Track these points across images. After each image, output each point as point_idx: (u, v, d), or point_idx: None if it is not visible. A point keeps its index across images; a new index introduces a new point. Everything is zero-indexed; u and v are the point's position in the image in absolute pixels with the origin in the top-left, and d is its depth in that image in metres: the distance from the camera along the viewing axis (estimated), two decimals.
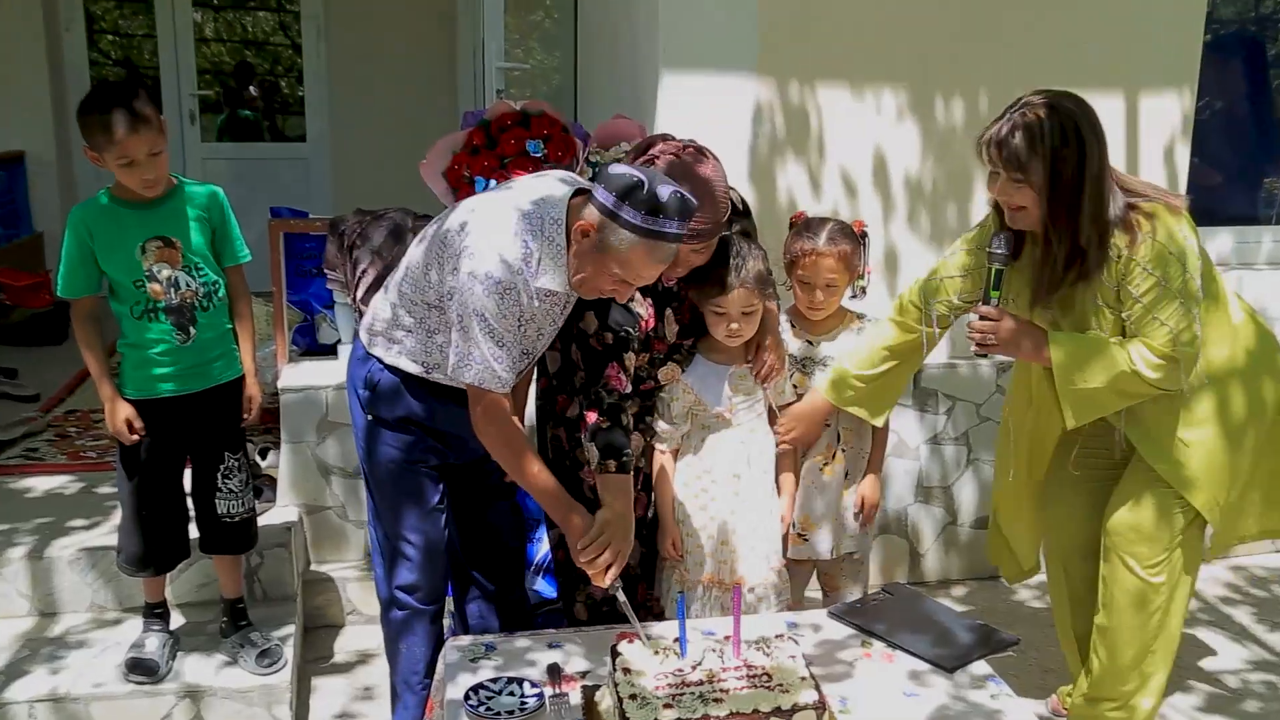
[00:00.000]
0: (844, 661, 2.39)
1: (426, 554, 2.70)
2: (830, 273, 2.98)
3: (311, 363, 4.09)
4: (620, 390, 2.56)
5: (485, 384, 2.37)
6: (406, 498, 2.67)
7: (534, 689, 2.21)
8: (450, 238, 2.41)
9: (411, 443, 2.63)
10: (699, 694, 2.00)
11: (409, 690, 2.78)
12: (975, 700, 2.24)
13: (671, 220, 2.24)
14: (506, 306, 2.32)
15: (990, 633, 2.53)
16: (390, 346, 2.60)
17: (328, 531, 3.89)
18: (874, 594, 2.74)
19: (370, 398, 2.63)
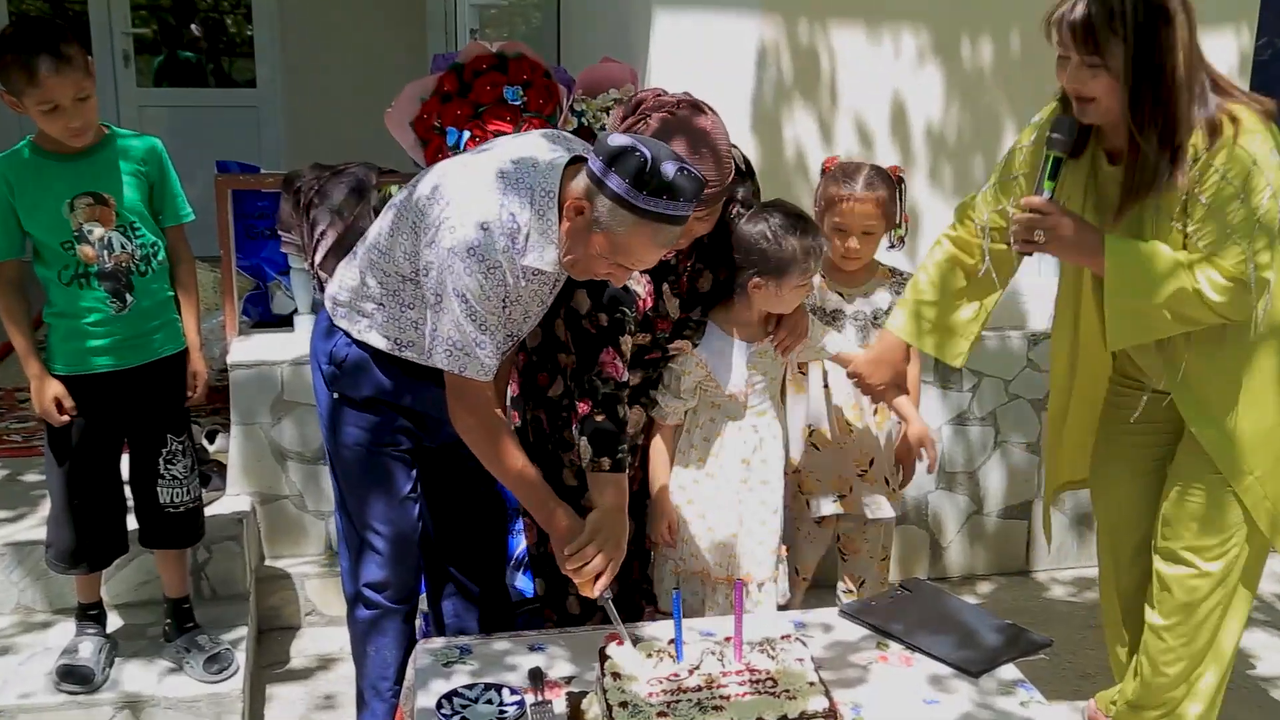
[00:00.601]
0: (857, 665, 2.40)
1: (396, 547, 2.71)
2: (868, 219, 3.06)
3: (264, 335, 4.08)
4: (616, 379, 2.56)
5: (467, 371, 2.38)
6: (374, 485, 2.67)
7: (514, 696, 2.22)
8: (425, 206, 2.39)
9: (380, 424, 2.63)
10: (696, 701, 2.01)
11: (378, 698, 2.79)
12: (1003, 708, 2.26)
13: (678, 202, 2.21)
14: (490, 287, 2.32)
15: (1020, 633, 2.55)
16: (357, 319, 2.59)
17: (283, 523, 3.89)
18: (891, 591, 2.75)
19: (335, 374, 2.63)
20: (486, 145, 2.54)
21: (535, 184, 2.33)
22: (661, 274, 2.72)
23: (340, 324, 2.61)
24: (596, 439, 2.52)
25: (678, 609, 2.17)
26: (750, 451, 2.92)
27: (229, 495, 3.82)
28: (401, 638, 2.78)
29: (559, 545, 2.45)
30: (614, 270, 2.33)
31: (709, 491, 2.91)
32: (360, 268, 2.58)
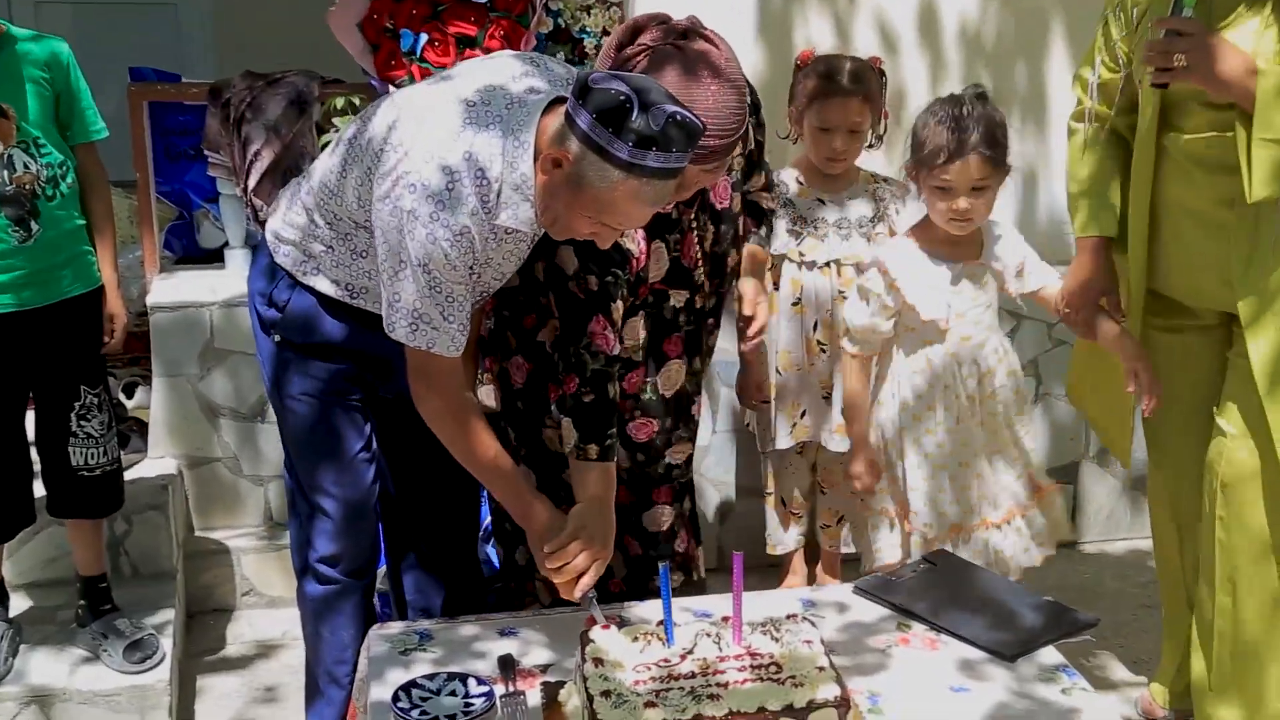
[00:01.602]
0: (874, 649, 2.43)
1: (348, 514, 2.74)
2: (855, 115, 3.25)
3: (190, 272, 4.09)
4: (607, 352, 2.57)
5: (435, 347, 2.39)
6: (322, 442, 2.69)
7: (481, 687, 2.23)
8: (380, 150, 2.38)
9: (330, 372, 2.66)
10: (689, 689, 2.04)
11: (334, 684, 2.83)
12: (1043, 696, 2.29)
13: (669, 154, 2.19)
14: (457, 255, 2.32)
15: (1062, 612, 2.57)
16: (304, 261, 2.60)
17: (216, 490, 3.92)
18: (913, 563, 2.78)
19: (276, 318, 2.64)
20: (449, 73, 2.53)
21: (507, 129, 2.32)
22: (657, 228, 2.69)
23: (283, 264, 2.62)
24: (583, 421, 2.53)
25: (665, 585, 2.19)
26: (970, 384, 3.06)
27: (151, 458, 3.84)
28: (359, 617, 2.81)
29: (537, 542, 2.47)
30: (599, 230, 2.33)
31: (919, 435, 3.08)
32: (307, 204, 2.58)
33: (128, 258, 4.12)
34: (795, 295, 3.44)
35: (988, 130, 2.92)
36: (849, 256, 3.40)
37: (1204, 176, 2.71)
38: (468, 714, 2.16)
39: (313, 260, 2.58)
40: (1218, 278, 2.74)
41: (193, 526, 3.92)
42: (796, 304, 3.44)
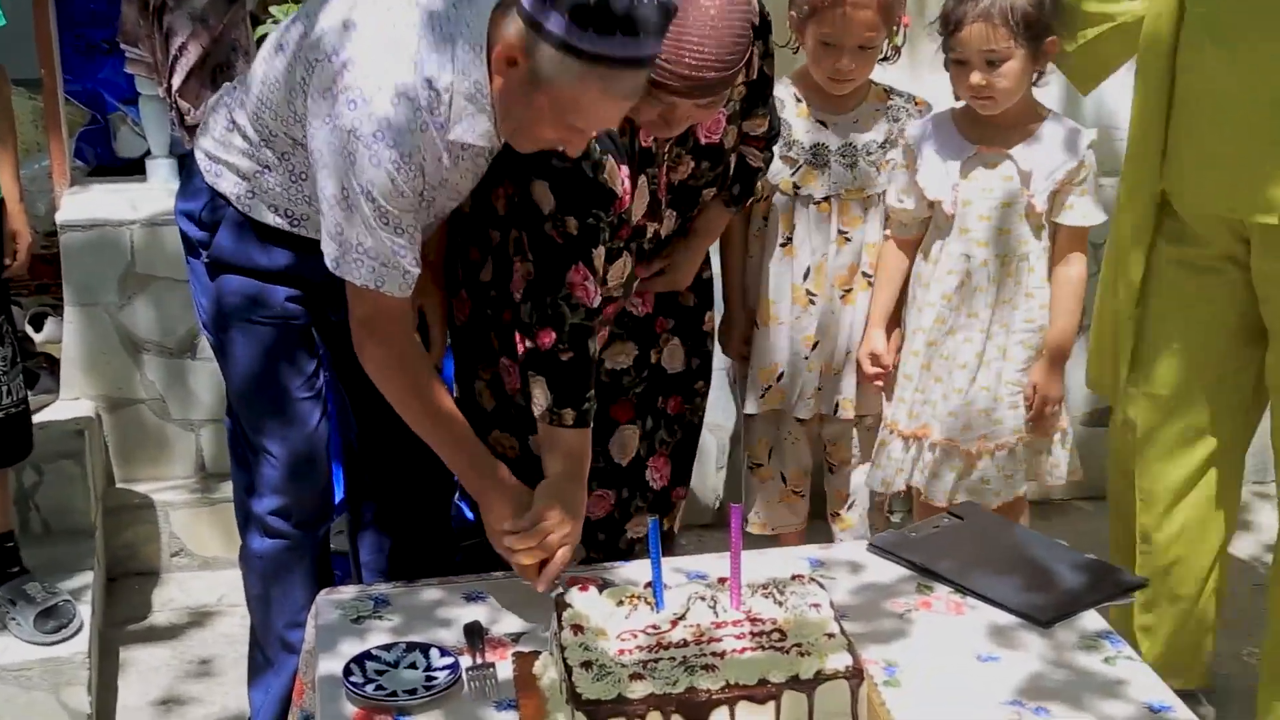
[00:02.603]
0: (891, 613, 2.46)
1: (294, 459, 2.76)
2: (867, 30, 3.11)
3: (106, 185, 4.07)
4: (587, 304, 2.57)
5: (385, 286, 2.39)
6: (263, 377, 2.71)
7: (445, 659, 2.26)
8: (322, 59, 2.37)
9: (270, 296, 2.67)
10: (681, 660, 2.06)
11: (287, 650, 2.86)
12: (1083, 665, 2.31)
13: (636, 38, 2.17)
14: (406, 178, 2.33)
15: (1106, 571, 2.60)
16: (240, 181, 2.60)
17: (139, 436, 3.93)
18: (937, 518, 2.81)
19: (208, 239, 2.65)
20: None
21: (458, 33, 2.31)
22: (642, 161, 2.69)
23: (214, 184, 2.62)
24: (559, 381, 2.54)
25: (655, 540, 2.21)
26: (955, 286, 3.14)
27: (64, 399, 3.84)
28: (314, 575, 2.84)
29: (497, 521, 2.46)
30: (566, 135, 2.33)
31: (935, 336, 3.19)
32: (239, 120, 2.58)
33: (32, 168, 4.11)
34: (786, 234, 3.33)
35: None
36: (853, 190, 3.29)
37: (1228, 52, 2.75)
38: (430, 689, 2.18)
39: (248, 181, 2.58)
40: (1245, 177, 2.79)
41: (113, 478, 3.93)
42: (786, 244, 3.33)
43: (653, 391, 3.01)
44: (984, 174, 3.17)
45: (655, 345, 3.00)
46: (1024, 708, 2.17)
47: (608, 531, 2.97)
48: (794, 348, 3.38)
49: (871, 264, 3.33)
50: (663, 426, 3.05)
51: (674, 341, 3.03)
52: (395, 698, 2.17)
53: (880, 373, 3.33)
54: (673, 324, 3.02)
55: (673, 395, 3.05)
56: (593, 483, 2.83)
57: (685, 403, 3.08)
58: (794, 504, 3.58)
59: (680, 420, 3.08)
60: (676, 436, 3.08)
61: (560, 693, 2.10)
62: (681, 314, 3.03)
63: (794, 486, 3.56)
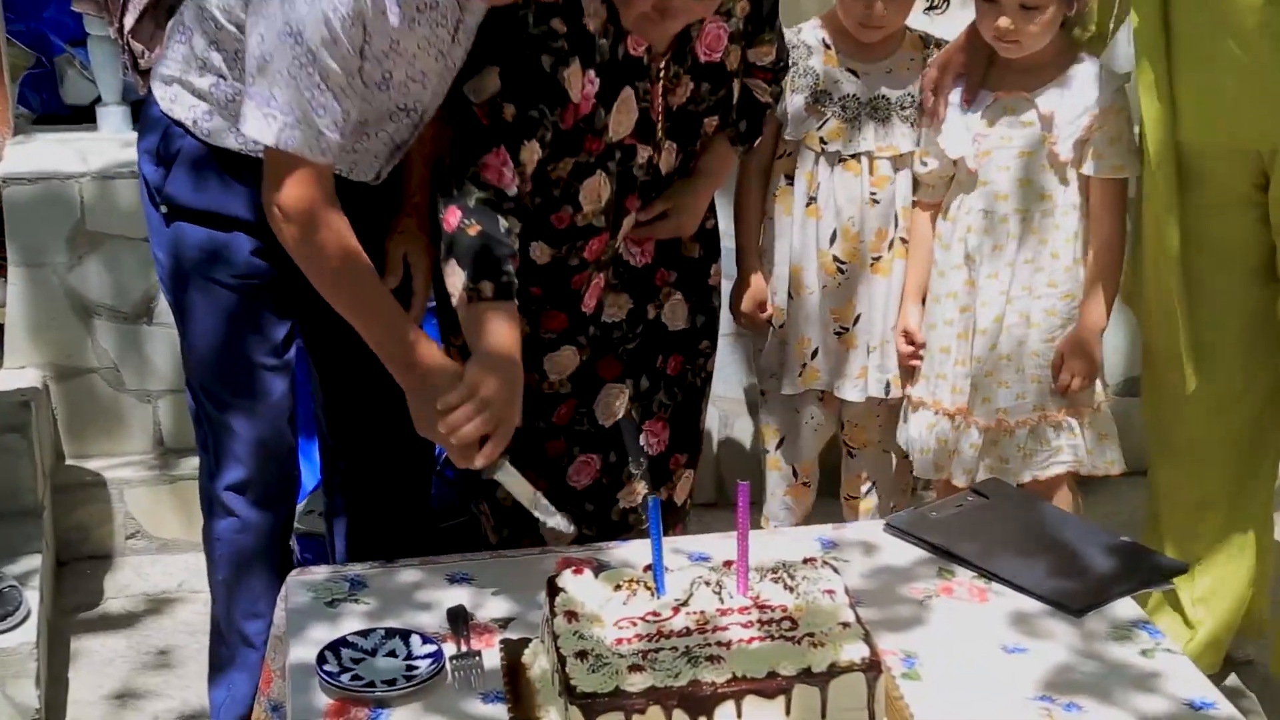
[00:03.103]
0: (910, 600, 2.45)
1: (256, 434, 2.75)
2: None
3: (53, 135, 4.05)
4: (500, 187, 2.57)
5: (292, 143, 2.36)
6: (226, 345, 2.70)
7: (427, 647, 2.26)
8: None
9: (234, 251, 2.65)
10: (684, 650, 2.05)
11: (247, 645, 2.86)
12: (1116, 657, 2.31)
13: None
14: (343, 25, 2.30)
15: (1143, 555, 2.60)
16: (195, 104, 2.58)
17: (91, 408, 3.91)
18: (959, 496, 2.80)
19: (163, 176, 2.62)
20: None
21: None
22: (625, 74, 2.68)
23: (169, 111, 2.59)
24: (470, 257, 2.53)
25: (655, 520, 2.19)
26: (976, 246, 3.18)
27: (8, 368, 3.83)
28: (272, 560, 2.84)
29: (422, 396, 2.46)
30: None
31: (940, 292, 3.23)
32: (192, 25, 2.56)
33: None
34: (811, 193, 3.31)
35: None
36: (885, 148, 3.27)
37: None
38: (410, 679, 2.17)
39: (204, 101, 2.57)
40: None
41: (63, 454, 3.92)
42: (810, 205, 3.31)
43: (650, 350, 3.00)
44: (1005, 121, 3.16)
45: (654, 299, 2.99)
46: (1053, 703, 2.16)
47: (597, 501, 2.96)
48: (824, 320, 3.36)
49: (907, 229, 3.32)
50: (662, 389, 3.04)
51: (676, 296, 3.02)
52: (373, 688, 2.16)
53: (913, 351, 3.32)
54: (675, 277, 3.01)
55: (674, 354, 3.04)
56: (575, 447, 2.83)
57: (687, 363, 3.07)
58: (799, 497, 3.57)
59: (681, 382, 3.08)
60: (676, 399, 3.07)
61: (552, 684, 2.09)
62: (685, 266, 3.02)
63: (803, 478, 3.55)
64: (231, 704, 2.93)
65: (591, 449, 2.94)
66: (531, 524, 2.71)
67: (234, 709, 2.92)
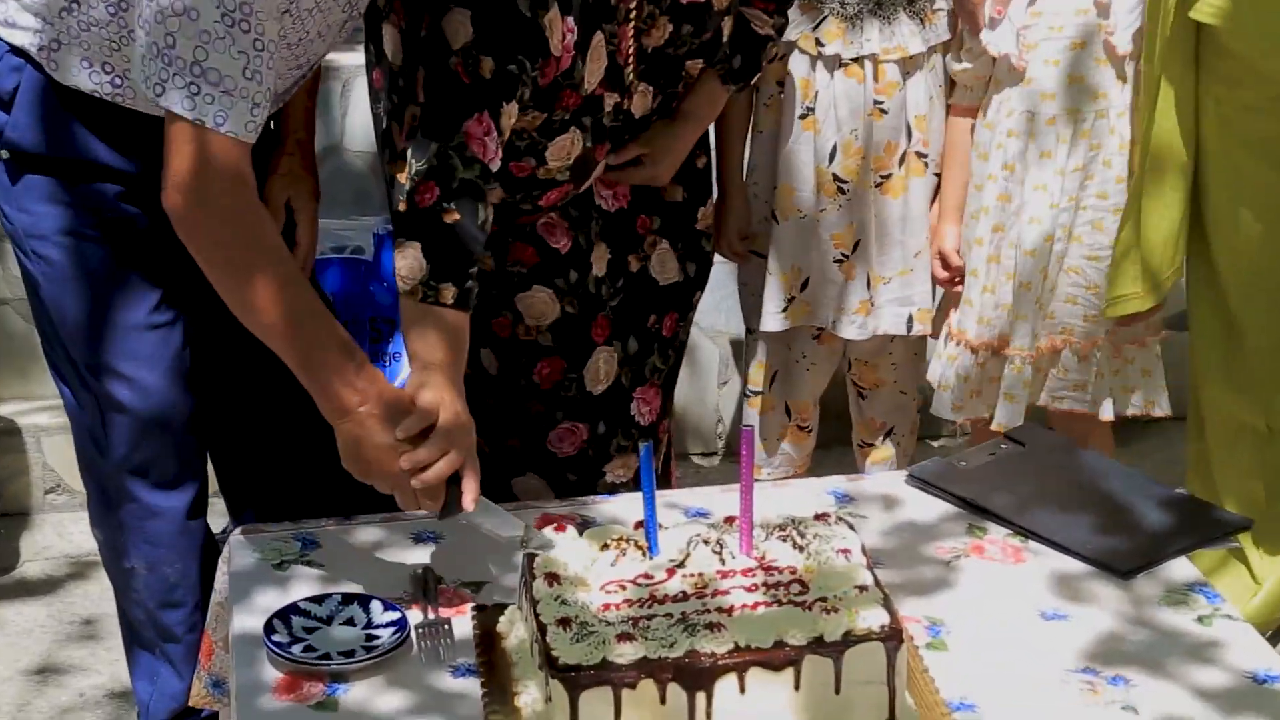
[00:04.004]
0: (936, 560, 2.46)
1: (153, 406, 2.74)
2: None
3: None
4: (483, 160, 2.55)
5: (225, 122, 2.29)
6: (97, 302, 2.67)
7: (389, 614, 2.26)
8: None
9: (93, 196, 2.63)
10: (680, 616, 2.05)
11: (163, 638, 2.86)
12: (1169, 624, 2.31)
13: None
14: None
15: (1201, 510, 2.61)
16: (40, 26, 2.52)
17: (4, 345, 3.91)
18: (991, 443, 2.81)
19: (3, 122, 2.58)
20: None
21: None
22: (597, 14, 2.67)
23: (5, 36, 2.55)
24: (438, 249, 2.49)
25: (648, 471, 2.20)
26: (1018, 152, 3.20)
27: None
28: (191, 544, 2.84)
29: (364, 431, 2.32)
30: None
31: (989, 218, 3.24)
32: None
33: None
34: (807, 103, 3.29)
35: None
36: (891, 49, 3.24)
37: None
38: (370, 650, 2.18)
39: (53, 26, 2.51)
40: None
41: None
42: (807, 116, 3.30)
43: (638, 307, 3.00)
44: (1053, 7, 3.15)
45: (637, 249, 2.98)
46: (1097, 676, 2.17)
47: (580, 471, 2.97)
48: (821, 248, 3.35)
49: (924, 142, 3.30)
50: (655, 351, 3.04)
51: (663, 246, 3.02)
52: (328, 661, 2.16)
53: (949, 277, 3.33)
54: (657, 223, 3.01)
55: (668, 313, 3.04)
56: (558, 413, 2.82)
57: (681, 321, 3.07)
58: (798, 441, 3.57)
59: (675, 344, 3.08)
60: (670, 362, 3.07)
61: (531, 656, 2.10)
62: (667, 211, 3.01)
63: (799, 420, 3.55)
64: (161, 700, 2.93)
65: (579, 417, 2.94)
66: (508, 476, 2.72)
67: (165, 705, 2.93)
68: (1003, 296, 3.29)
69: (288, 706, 2.10)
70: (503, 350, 2.83)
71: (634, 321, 2.99)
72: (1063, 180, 3.19)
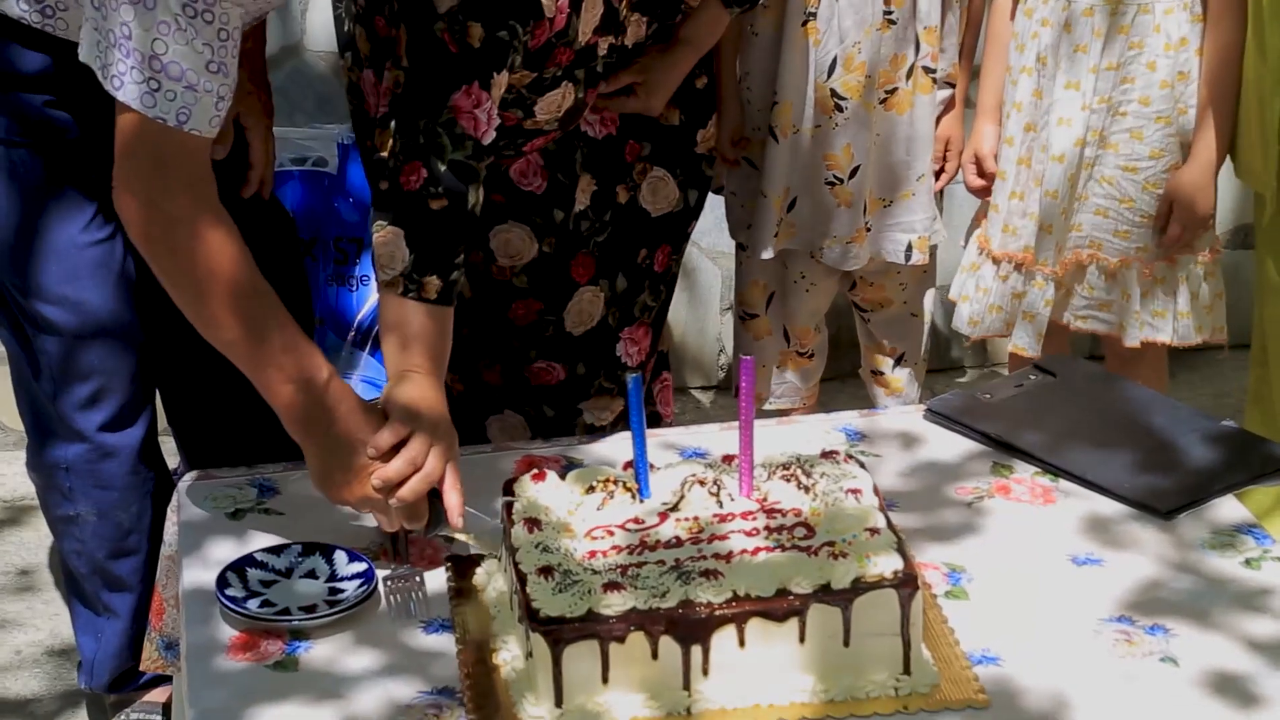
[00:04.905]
0: (957, 501, 2.47)
1: (92, 329, 2.76)
2: None
3: None
4: (475, 136, 2.55)
5: (189, 120, 2.28)
6: (29, 224, 2.69)
7: (354, 565, 2.28)
8: None
9: (23, 105, 2.65)
10: (673, 564, 2.06)
11: (110, 589, 2.89)
12: (1215, 570, 2.32)
13: None
14: None
15: (1253, 445, 2.61)
16: None
17: None
18: (1019, 374, 2.82)
19: None
20: None
21: None
22: None
23: None
24: (424, 237, 2.48)
25: (636, 404, 2.20)
26: (1051, 44, 3.23)
27: None
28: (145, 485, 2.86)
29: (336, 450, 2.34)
30: None
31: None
32: None
33: None
34: (810, 7, 3.27)
35: None
36: None
37: None
38: (335, 605, 2.19)
39: None
40: None
41: None
42: (807, 23, 3.28)
43: (627, 242, 3.01)
44: None
45: (625, 179, 2.99)
46: (1134, 626, 2.18)
47: (558, 406, 2.98)
48: (814, 168, 3.35)
49: (933, 56, 3.31)
50: (646, 288, 3.05)
51: (656, 173, 3.03)
52: (288, 617, 2.17)
53: (984, 185, 3.35)
54: (648, 149, 3.01)
55: (660, 245, 3.05)
56: (532, 351, 2.83)
57: (675, 254, 3.09)
58: (802, 368, 3.58)
59: (668, 278, 3.09)
60: (661, 299, 3.09)
61: (511, 609, 2.12)
62: (661, 136, 3.02)
63: (799, 346, 3.56)
64: (107, 657, 2.97)
65: (556, 358, 2.96)
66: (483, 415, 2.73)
67: (111, 664, 2.96)
68: (1031, 205, 3.30)
69: (244, 667, 2.11)
70: (478, 280, 2.83)
71: (623, 257, 3.01)
72: (1095, 79, 3.19)
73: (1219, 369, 4.15)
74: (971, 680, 2.05)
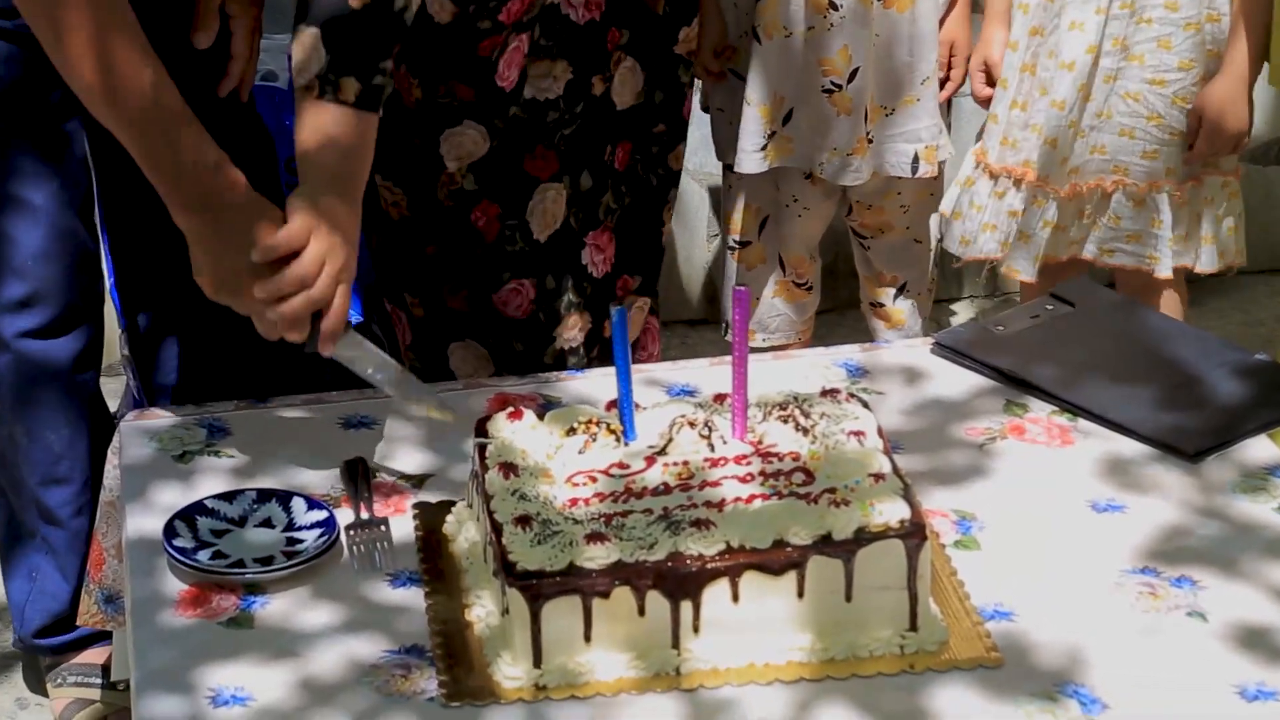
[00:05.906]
0: (967, 443, 2.49)
1: (41, 227, 2.79)
2: None
3: None
4: None
5: None
6: None
7: (315, 513, 2.29)
8: None
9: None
10: (661, 513, 2.07)
11: (49, 522, 2.91)
12: (1243, 515, 2.33)
13: None
14: None
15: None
16: None
17: None
18: (1034, 304, 2.83)
19: None
20: None
21: None
22: None
23: None
24: (342, 34, 2.46)
25: (621, 339, 2.21)
26: None
27: None
28: (78, 406, 2.88)
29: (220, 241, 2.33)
30: None
31: None
32: None
33: None
34: None
35: None
36: None
37: None
38: (293, 556, 2.20)
39: None
40: None
41: None
42: None
43: (594, 136, 3.01)
44: None
45: (602, 69, 2.99)
46: (1158, 577, 2.19)
47: (527, 340, 3.00)
48: (809, 75, 3.36)
49: None
50: (609, 189, 3.06)
51: (628, 63, 3.03)
52: (242, 569, 2.18)
53: (992, 93, 3.36)
54: (626, 37, 3.01)
55: (621, 141, 3.06)
56: (504, 272, 2.83)
57: (637, 153, 3.09)
58: (798, 300, 3.59)
59: (632, 179, 3.10)
60: (625, 203, 3.09)
61: (484, 561, 2.12)
62: (643, 24, 3.02)
63: (796, 275, 3.57)
64: (40, 598, 2.98)
65: (525, 273, 2.97)
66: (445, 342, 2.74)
67: (45, 605, 2.97)
68: (1034, 116, 3.30)
69: (194, 623, 2.12)
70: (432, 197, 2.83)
71: (588, 153, 3.01)
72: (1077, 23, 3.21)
73: (1250, 293, 4.16)
74: (983, 637, 2.06)
